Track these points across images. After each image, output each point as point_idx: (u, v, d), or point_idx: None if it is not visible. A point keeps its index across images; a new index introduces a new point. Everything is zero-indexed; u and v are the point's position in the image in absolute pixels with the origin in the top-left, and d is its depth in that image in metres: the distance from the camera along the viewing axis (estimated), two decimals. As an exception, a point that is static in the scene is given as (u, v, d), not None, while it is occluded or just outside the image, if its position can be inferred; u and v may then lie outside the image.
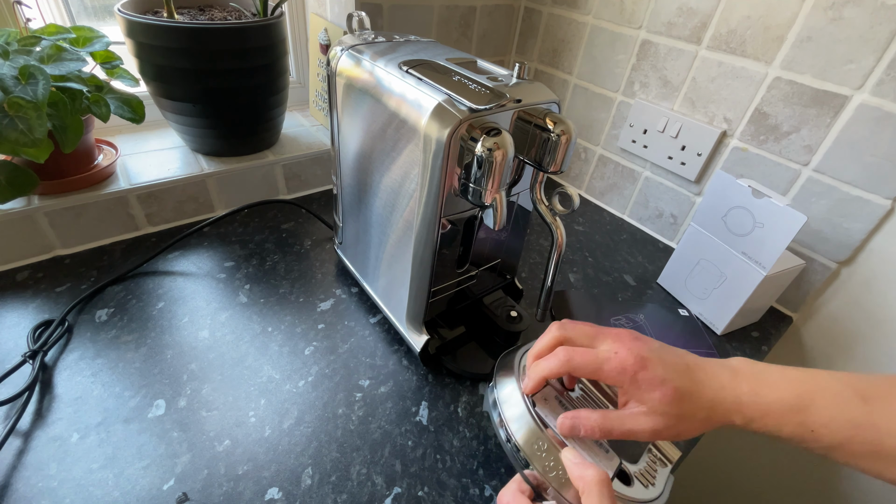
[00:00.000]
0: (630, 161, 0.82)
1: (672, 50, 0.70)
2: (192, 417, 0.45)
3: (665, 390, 0.32)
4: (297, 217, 0.74)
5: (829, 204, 0.61)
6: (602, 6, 0.77)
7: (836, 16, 0.55)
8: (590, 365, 0.34)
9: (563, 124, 0.39)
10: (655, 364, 0.33)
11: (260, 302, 0.58)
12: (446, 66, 0.44)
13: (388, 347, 0.55)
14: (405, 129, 0.41)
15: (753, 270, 0.57)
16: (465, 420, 0.48)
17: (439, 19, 0.80)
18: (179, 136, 0.72)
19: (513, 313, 0.54)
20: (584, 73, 0.84)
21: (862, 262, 0.61)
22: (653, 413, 0.33)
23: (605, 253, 0.77)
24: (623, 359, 0.33)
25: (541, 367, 0.36)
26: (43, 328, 0.50)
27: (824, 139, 0.59)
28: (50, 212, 0.59)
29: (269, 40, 0.64)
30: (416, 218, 0.43)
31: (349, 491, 0.41)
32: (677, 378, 0.33)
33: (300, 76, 0.90)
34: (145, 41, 0.59)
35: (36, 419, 0.43)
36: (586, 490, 0.31)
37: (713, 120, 0.69)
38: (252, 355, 0.52)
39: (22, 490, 0.38)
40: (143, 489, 0.39)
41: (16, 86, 0.47)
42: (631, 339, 0.35)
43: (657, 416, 0.33)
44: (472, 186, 0.39)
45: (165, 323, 0.54)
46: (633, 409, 0.34)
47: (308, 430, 0.45)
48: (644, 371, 0.33)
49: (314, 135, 0.83)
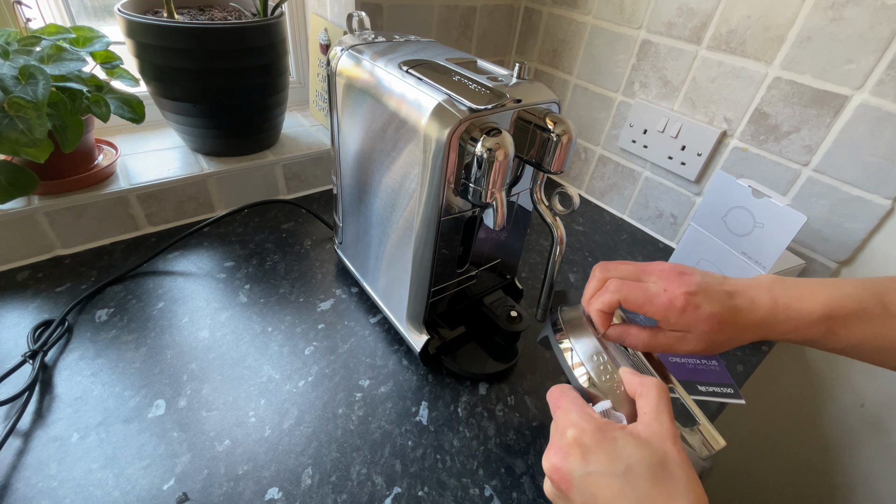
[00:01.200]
0: (630, 161, 0.82)
1: (672, 50, 0.70)
2: (192, 417, 0.45)
3: (711, 323, 0.35)
4: (297, 217, 0.74)
5: (829, 204, 0.61)
6: (602, 6, 0.77)
7: (836, 16, 0.55)
8: (639, 298, 0.36)
9: (563, 124, 0.39)
10: (701, 299, 0.35)
11: (260, 302, 0.58)
12: (446, 66, 0.44)
13: (388, 347, 0.55)
14: (405, 129, 0.41)
15: (753, 270, 0.57)
16: (465, 420, 0.48)
17: (439, 19, 0.80)
18: (179, 136, 0.72)
19: (513, 313, 0.54)
20: (584, 73, 0.84)
21: (862, 262, 0.61)
22: (697, 339, 0.36)
23: (605, 253, 0.77)
24: (672, 296, 0.35)
25: (596, 303, 0.38)
26: (43, 328, 0.50)
27: (824, 139, 0.59)
28: (50, 212, 0.59)
29: (269, 40, 0.64)
30: (416, 218, 0.43)
31: (349, 491, 0.41)
32: (720, 309, 0.35)
33: (300, 76, 0.90)
34: (145, 41, 0.59)
35: (36, 419, 0.43)
36: (644, 392, 0.32)
37: (713, 120, 0.69)
38: (252, 355, 0.52)
39: (22, 490, 0.38)
40: (143, 489, 0.39)
41: (16, 86, 0.47)
42: (676, 274, 0.37)
43: (701, 342, 0.36)
44: (472, 186, 0.39)
45: (165, 323, 0.54)
46: (679, 334, 0.36)
47: (308, 430, 0.45)
48: (693, 307, 0.35)
49: (314, 135, 0.83)
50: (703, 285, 0.36)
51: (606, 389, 0.35)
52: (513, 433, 0.48)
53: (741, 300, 0.36)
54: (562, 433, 0.31)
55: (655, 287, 0.36)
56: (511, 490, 0.43)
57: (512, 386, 0.53)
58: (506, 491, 0.43)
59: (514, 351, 0.55)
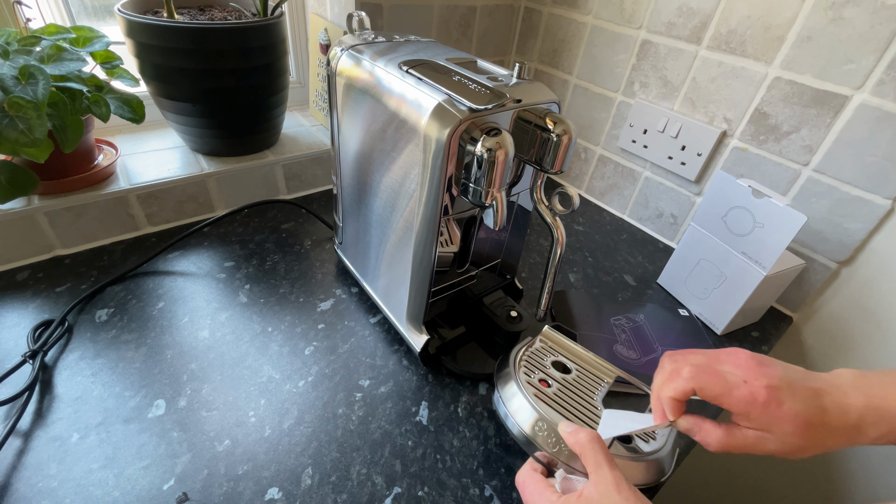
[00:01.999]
0: (630, 161, 0.82)
1: (672, 50, 0.70)
2: (192, 417, 0.45)
3: (797, 424, 0.32)
4: (297, 217, 0.74)
5: (829, 204, 0.61)
6: (602, 6, 0.77)
7: (836, 16, 0.55)
8: (716, 387, 0.33)
9: (563, 124, 0.39)
10: (786, 395, 0.32)
11: (260, 302, 0.58)
12: (446, 66, 0.44)
13: (388, 347, 0.55)
14: (405, 129, 0.41)
15: (753, 270, 0.57)
16: (465, 420, 0.48)
17: (439, 19, 0.80)
18: (179, 136, 0.72)
19: (513, 313, 0.54)
20: (584, 73, 0.84)
21: (862, 262, 0.61)
22: (779, 441, 0.33)
23: (605, 253, 0.77)
24: (754, 390, 0.32)
25: (668, 390, 0.35)
26: (43, 328, 0.50)
27: (824, 139, 0.59)
28: (50, 212, 0.59)
29: (269, 40, 0.64)
30: (416, 218, 0.43)
31: (349, 491, 0.41)
32: (806, 409, 0.32)
33: (300, 76, 0.90)
34: (145, 41, 0.59)
35: (36, 419, 0.43)
36: (582, 451, 0.35)
37: (713, 120, 0.69)
38: (252, 355, 0.52)
39: (22, 490, 0.38)
40: (143, 489, 0.39)
41: (16, 86, 0.47)
42: (756, 364, 0.34)
43: (783, 444, 0.33)
44: (472, 186, 0.39)
45: (165, 323, 0.54)
46: (758, 433, 0.33)
47: (308, 430, 0.45)
48: (776, 404, 0.32)
49: (314, 135, 0.83)
50: (786, 379, 0.33)
51: (556, 452, 0.39)
52: (513, 433, 0.48)
53: (829, 400, 0.32)
54: None
55: (734, 377, 0.33)
56: (511, 490, 0.43)
57: (512, 386, 0.53)
58: (506, 491, 0.43)
59: (514, 351, 0.55)
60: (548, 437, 0.40)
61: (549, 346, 0.50)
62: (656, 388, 0.37)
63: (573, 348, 0.51)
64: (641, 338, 0.60)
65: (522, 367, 0.46)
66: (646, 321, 0.63)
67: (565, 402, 0.44)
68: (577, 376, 0.47)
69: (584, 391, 0.46)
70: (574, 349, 0.51)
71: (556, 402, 0.43)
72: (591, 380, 0.48)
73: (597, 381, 0.48)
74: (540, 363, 0.48)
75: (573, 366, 0.49)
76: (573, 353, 0.50)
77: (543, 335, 0.51)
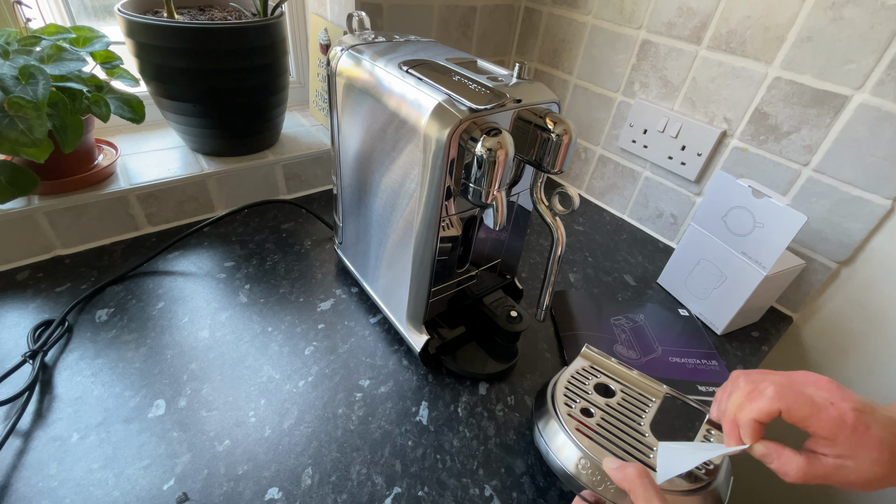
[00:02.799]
0: (630, 161, 0.82)
1: (672, 50, 0.70)
2: (192, 417, 0.45)
3: (882, 451, 0.30)
4: (297, 217, 0.74)
5: (829, 204, 0.61)
6: (602, 6, 0.77)
7: (836, 16, 0.55)
8: (805, 408, 0.31)
9: (563, 124, 0.39)
10: (871, 420, 0.31)
11: (260, 302, 0.58)
12: (446, 66, 0.44)
13: (388, 347, 0.55)
14: (405, 129, 0.41)
15: (753, 270, 0.57)
16: (465, 420, 0.48)
17: (439, 19, 0.80)
18: (179, 136, 0.72)
19: (513, 313, 0.54)
20: (584, 73, 0.84)
21: (862, 262, 0.61)
22: (860, 471, 0.31)
23: (605, 253, 0.77)
24: (843, 411, 0.31)
25: (750, 411, 0.33)
26: (43, 328, 0.50)
27: (824, 139, 0.59)
28: (50, 212, 0.59)
29: (269, 40, 0.64)
30: (416, 218, 0.43)
31: (349, 491, 0.41)
32: (890, 437, 0.31)
33: (300, 76, 0.90)
34: (145, 41, 0.59)
35: (36, 419, 0.43)
36: (631, 487, 0.33)
37: (713, 120, 0.69)
38: (252, 355, 0.52)
39: (22, 490, 0.38)
40: (143, 489, 0.39)
41: (16, 86, 0.47)
42: (836, 387, 0.33)
43: (863, 473, 0.31)
44: (472, 186, 0.39)
45: (165, 323, 0.54)
46: (840, 461, 0.31)
47: (308, 430, 0.45)
48: (863, 427, 0.30)
49: (314, 135, 0.83)
50: (867, 404, 0.32)
51: (602, 490, 0.37)
52: (513, 433, 0.48)
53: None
54: None
55: (820, 398, 0.31)
56: (511, 490, 0.43)
57: (512, 386, 0.53)
58: (506, 491, 0.43)
59: (514, 351, 0.55)
60: (592, 476, 0.38)
61: (591, 367, 0.47)
62: (732, 408, 0.34)
63: (615, 367, 0.48)
64: (641, 338, 0.60)
65: (563, 396, 0.44)
66: (646, 321, 0.63)
67: (610, 432, 0.41)
68: (622, 399, 0.44)
69: (630, 416, 0.43)
70: (616, 368, 0.48)
71: (601, 435, 0.40)
72: (638, 401, 0.44)
73: (643, 401, 0.44)
74: (581, 388, 0.45)
75: (617, 386, 0.45)
76: (616, 373, 0.47)
77: (583, 355, 0.48)
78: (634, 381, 0.47)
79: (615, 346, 0.58)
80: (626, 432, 0.41)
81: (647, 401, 0.45)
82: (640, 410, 0.44)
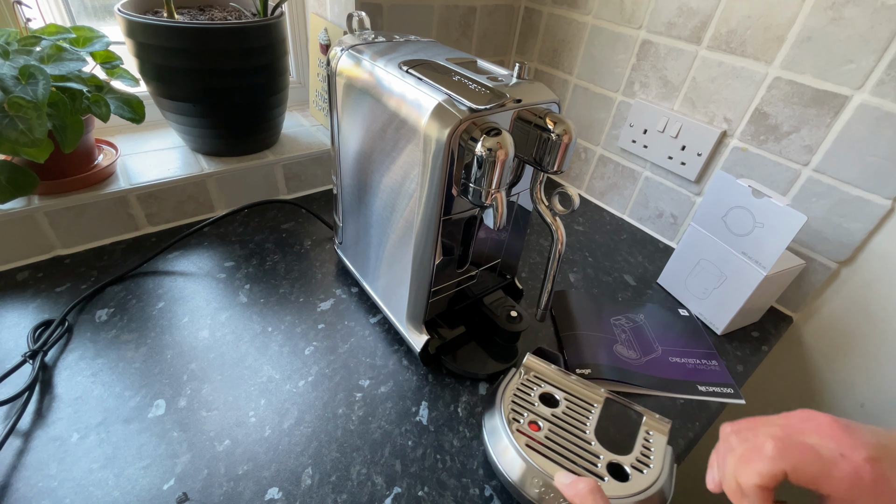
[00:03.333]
0: (630, 161, 0.82)
1: (672, 50, 0.70)
2: (192, 417, 0.45)
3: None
4: (297, 217, 0.74)
5: (829, 204, 0.61)
6: (602, 6, 0.77)
7: (836, 16, 0.55)
8: (812, 466, 0.27)
9: (563, 124, 0.39)
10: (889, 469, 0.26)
11: (260, 302, 0.58)
12: (446, 66, 0.44)
13: (388, 347, 0.55)
14: (405, 129, 0.41)
15: (753, 270, 0.57)
16: (465, 420, 0.48)
17: (439, 19, 0.80)
18: (179, 136, 0.72)
19: (513, 313, 0.54)
20: (584, 73, 0.84)
21: (862, 262, 0.61)
22: None
23: (605, 253, 0.77)
24: (857, 466, 0.26)
25: (750, 476, 0.29)
26: (43, 328, 0.50)
27: (824, 139, 0.59)
28: (50, 212, 0.59)
29: (269, 40, 0.64)
30: (416, 218, 0.43)
31: (349, 491, 0.41)
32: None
33: (300, 76, 0.90)
34: (145, 41, 0.59)
35: (36, 419, 0.43)
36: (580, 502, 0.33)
37: (713, 120, 0.69)
38: (252, 355, 0.52)
39: (22, 490, 0.38)
40: (143, 489, 0.39)
41: (16, 86, 0.47)
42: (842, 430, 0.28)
43: None
44: (472, 186, 0.39)
45: (165, 323, 0.54)
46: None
47: (308, 430, 0.45)
48: (883, 482, 0.26)
49: (314, 135, 0.83)
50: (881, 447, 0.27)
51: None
52: (513, 433, 0.48)
53: None
54: None
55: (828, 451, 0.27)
56: (511, 490, 0.43)
57: (512, 386, 0.53)
58: (506, 491, 0.43)
59: (514, 351, 0.55)
60: (545, 492, 0.38)
61: (534, 377, 0.47)
62: (731, 474, 0.30)
63: (555, 376, 0.48)
64: (641, 338, 0.60)
65: (511, 410, 0.44)
66: (646, 321, 0.63)
67: (558, 444, 0.41)
68: (566, 408, 0.45)
69: (575, 424, 0.43)
70: (556, 377, 0.48)
71: (550, 448, 0.41)
72: (581, 409, 0.45)
73: (586, 408, 0.45)
74: (527, 400, 0.45)
75: (560, 395, 0.46)
76: (557, 381, 0.47)
77: (526, 366, 0.49)
78: (575, 388, 0.47)
79: (615, 346, 0.58)
80: (573, 442, 0.42)
81: (590, 407, 0.46)
82: (584, 418, 0.44)
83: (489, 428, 0.44)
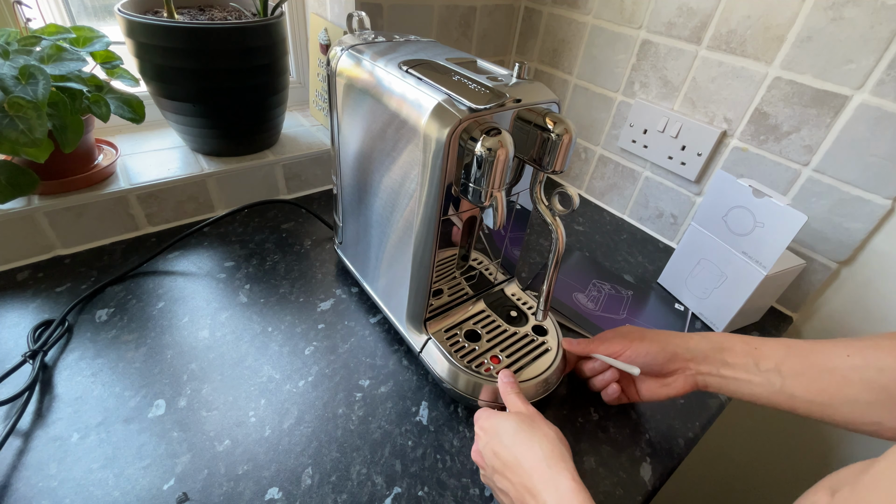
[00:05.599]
0: (630, 161, 0.82)
1: (672, 50, 0.70)
2: (193, 417, 0.45)
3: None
4: (297, 217, 0.74)
5: (829, 204, 0.61)
6: (602, 6, 0.77)
7: (836, 16, 0.55)
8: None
9: (563, 124, 0.39)
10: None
11: (260, 302, 0.58)
12: (446, 66, 0.44)
13: (388, 347, 0.55)
14: (405, 128, 0.41)
15: (754, 270, 0.57)
16: (465, 420, 0.48)
17: (439, 19, 0.80)
18: (179, 136, 0.72)
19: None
20: (584, 73, 0.84)
21: (862, 262, 0.61)
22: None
23: (605, 253, 0.77)
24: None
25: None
26: (43, 328, 0.50)
27: (824, 139, 0.59)
28: (50, 212, 0.59)
29: (269, 40, 0.64)
30: (416, 218, 0.43)
31: (349, 491, 0.41)
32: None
33: (300, 76, 0.90)
34: (145, 41, 0.59)
35: (36, 419, 0.43)
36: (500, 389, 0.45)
37: (713, 120, 0.69)
38: (252, 355, 0.52)
39: (22, 490, 0.38)
40: (143, 489, 0.39)
41: (16, 86, 0.47)
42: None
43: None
44: (472, 186, 0.39)
45: (165, 323, 0.54)
46: None
47: (308, 430, 0.45)
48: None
49: (314, 135, 0.83)
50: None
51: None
52: (513, 433, 0.48)
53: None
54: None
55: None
56: (511, 490, 0.43)
57: (512, 386, 0.53)
58: (506, 491, 0.43)
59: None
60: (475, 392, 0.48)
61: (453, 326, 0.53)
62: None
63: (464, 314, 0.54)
64: (613, 302, 0.63)
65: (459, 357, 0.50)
66: (631, 297, 0.64)
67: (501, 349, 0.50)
68: (485, 331, 0.53)
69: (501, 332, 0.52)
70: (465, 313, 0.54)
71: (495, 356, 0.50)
72: (493, 320, 0.54)
73: (493, 318, 0.54)
74: (459, 344, 0.51)
75: (476, 326, 0.53)
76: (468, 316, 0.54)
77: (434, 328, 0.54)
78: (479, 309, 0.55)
79: (575, 294, 0.63)
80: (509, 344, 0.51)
81: (494, 317, 0.54)
82: (499, 324, 0.53)
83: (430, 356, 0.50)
